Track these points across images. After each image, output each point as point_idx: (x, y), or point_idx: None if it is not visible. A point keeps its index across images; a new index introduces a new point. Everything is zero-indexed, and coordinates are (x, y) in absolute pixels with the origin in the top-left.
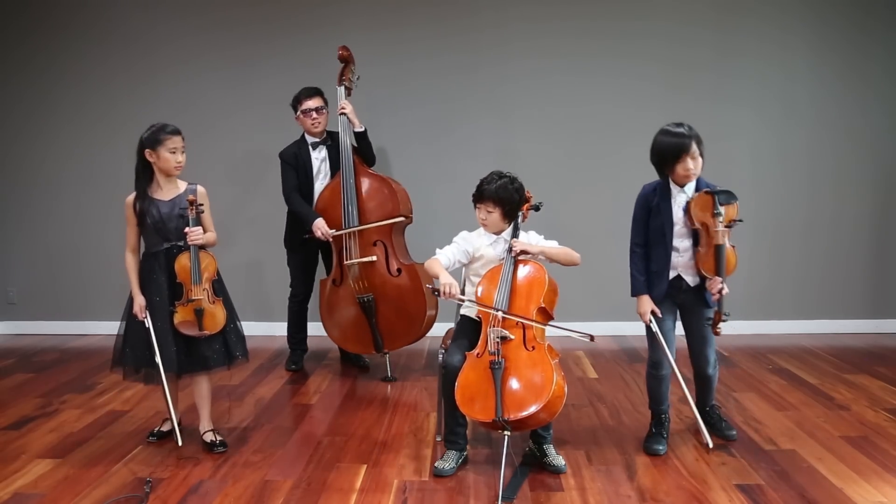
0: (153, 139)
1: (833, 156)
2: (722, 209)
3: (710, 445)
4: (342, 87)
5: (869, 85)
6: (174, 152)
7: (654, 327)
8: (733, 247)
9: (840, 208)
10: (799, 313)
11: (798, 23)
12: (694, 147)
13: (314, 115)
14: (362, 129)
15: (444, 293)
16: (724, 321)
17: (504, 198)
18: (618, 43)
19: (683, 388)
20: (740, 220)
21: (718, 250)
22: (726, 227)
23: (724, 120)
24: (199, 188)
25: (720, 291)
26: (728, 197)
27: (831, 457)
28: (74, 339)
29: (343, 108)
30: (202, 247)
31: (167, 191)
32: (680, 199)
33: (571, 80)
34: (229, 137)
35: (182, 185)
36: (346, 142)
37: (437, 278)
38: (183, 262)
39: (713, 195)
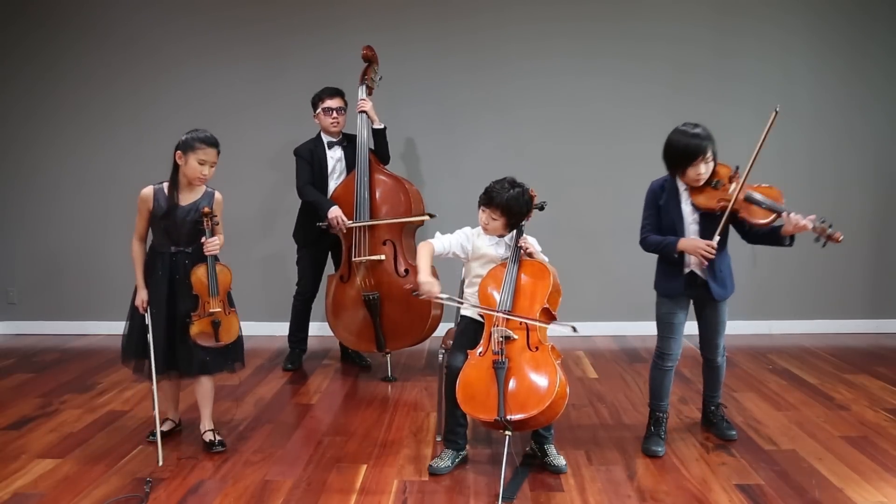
0: (188, 143)
1: (833, 156)
2: (715, 179)
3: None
4: (363, 86)
5: (869, 85)
6: (203, 164)
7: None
8: (759, 185)
9: (840, 208)
10: (799, 313)
11: (798, 23)
12: (709, 151)
13: (334, 114)
14: (382, 127)
15: (422, 293)
16: (830, 227)
17: (513, 209)
18: (619, 43)
19: None
20: (737, 167)
21: (753, 199)
22: (731, 181)
23: (724, 120)
24: (217, 195)
25: (802, 218)
26: None
27: (831, 457)
28: (74, 339)
29: (363, 106)
30: (217, 258)
31: (185, 195)
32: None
33: (573, 79)
34: (230, 138)
35: (200, 190)
36: (364, 139)
37: (418, 274)
38: (199, 274)
39: None
